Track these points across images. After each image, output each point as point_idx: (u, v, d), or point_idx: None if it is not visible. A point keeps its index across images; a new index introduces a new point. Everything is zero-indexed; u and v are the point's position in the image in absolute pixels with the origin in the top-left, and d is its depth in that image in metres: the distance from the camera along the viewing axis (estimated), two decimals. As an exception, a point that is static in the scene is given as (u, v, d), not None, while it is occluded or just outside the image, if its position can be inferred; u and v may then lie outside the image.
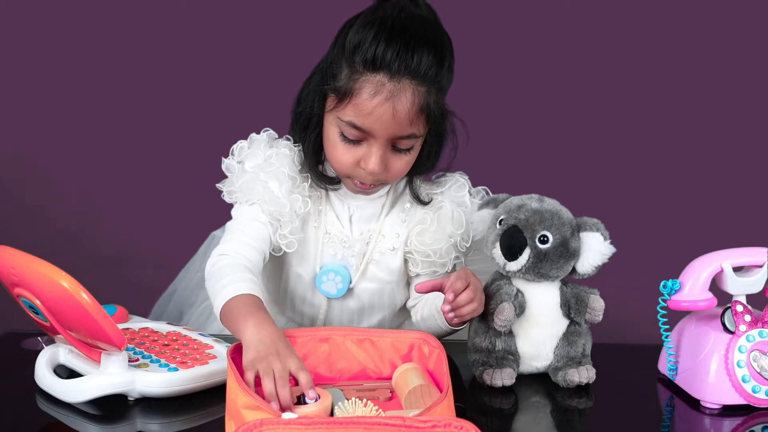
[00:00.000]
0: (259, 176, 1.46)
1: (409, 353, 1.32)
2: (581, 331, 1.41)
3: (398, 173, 1.45)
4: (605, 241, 1.38)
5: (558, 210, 1.39)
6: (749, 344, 1.34)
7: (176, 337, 1.44)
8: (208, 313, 1.71)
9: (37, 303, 1.25)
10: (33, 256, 1.23)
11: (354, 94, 1.37)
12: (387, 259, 1.52)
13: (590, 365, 1.41)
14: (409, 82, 1.36)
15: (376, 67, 1.35)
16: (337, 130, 1.41)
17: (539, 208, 1.37)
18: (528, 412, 1.37)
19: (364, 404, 1.16)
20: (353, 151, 1.41)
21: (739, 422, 1.32)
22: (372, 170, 1.40)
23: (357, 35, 1.37)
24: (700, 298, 1.37)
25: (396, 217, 1.52)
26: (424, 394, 1.21)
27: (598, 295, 1.40)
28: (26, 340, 1.48)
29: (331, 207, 1.51)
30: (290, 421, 0.99)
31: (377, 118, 1.36)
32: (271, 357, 1.18)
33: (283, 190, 1.45)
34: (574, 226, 1.38)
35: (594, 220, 1.40)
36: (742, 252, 1.40)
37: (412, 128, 1.39)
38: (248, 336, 1.23)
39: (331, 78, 1.40)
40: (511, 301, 1.36)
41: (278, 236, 1.47)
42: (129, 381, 1.28)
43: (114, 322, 1.24)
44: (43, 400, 1.29)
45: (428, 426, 0.99)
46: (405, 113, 1.37)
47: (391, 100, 1.35)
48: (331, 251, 1.51)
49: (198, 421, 1.28)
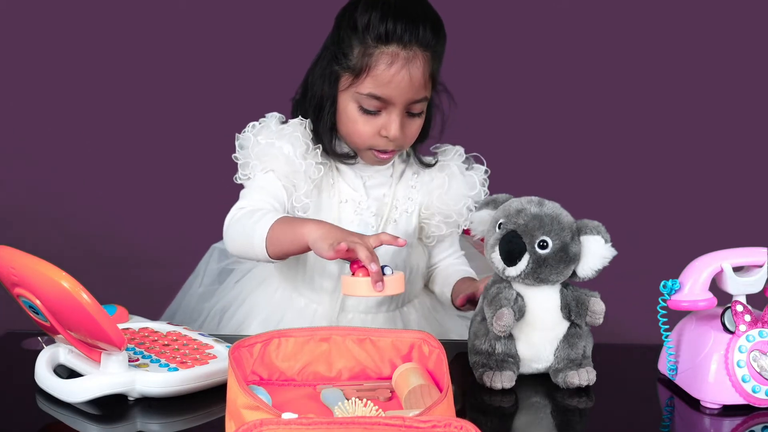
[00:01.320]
0: (274, 143, 1.56)
1: (409, 353, 1.32)
2: (581, 333, 1.41)
3: (412, 137, 1.58)
4: (606, 244, 1.38)
5: (558, 214, 1.38)
6: (749, 344, 1.34)
7: (176, 337, 1.44)
8: (217, 321, 1.72)
9: (37, 303, 1.25)
10: (33, 256, 1.22)
11: (371, 68, 1.51)
12: (403, 221, 1.64)
13: (590, 367, 1.40)
14: (419, 49, 1.51)
15: (389, 39, 1.50)
16: (355, 105, 1.54)
17: (539, 213, 1.37)
18: (528, 412, 1.37)
19: (364, 404, 1.16)
20: (373, 122, 1.54)
21: (739, 422, 1.32)
22: (394, 135, 1.53)
23: (365, 15, 1.52)
24: (700, 298, 1.37)
25: (406, 184, 1.65)
26: (424, 394, 1.21)
27: (599, 297, 1.39)
28: (26, 340, 1.48)
29: (342, 178, 1.62)
30: (290, 421, 0.99)
31: (396, 84, 1.50)
32: (352, 235, 1.38)
33: (297, 153, 1.56)
34: (574, 230, 1.38)
35: (595, 223, 1.39)
36: (742, 252, 1.39)
37: (425, 91, 1.54)
38: (314, 230, 1.40)
39: (342, 58, 1.53)
40: (510, 306, 1.35)
41: (294, 200, 1.57)
42: (129, 381, 1.28)
43: (114, 322, 1.24)
44: (43, 400, 1.29)
45: (428, 426, 0.99)
46: (419, 77, 1.52)
47: (407, 67, 1.50)
48: (349, 217, 1.60)
49: (198, 421, 1.28)
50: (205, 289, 1.81)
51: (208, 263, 1.85)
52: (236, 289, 1.75)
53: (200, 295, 1.81)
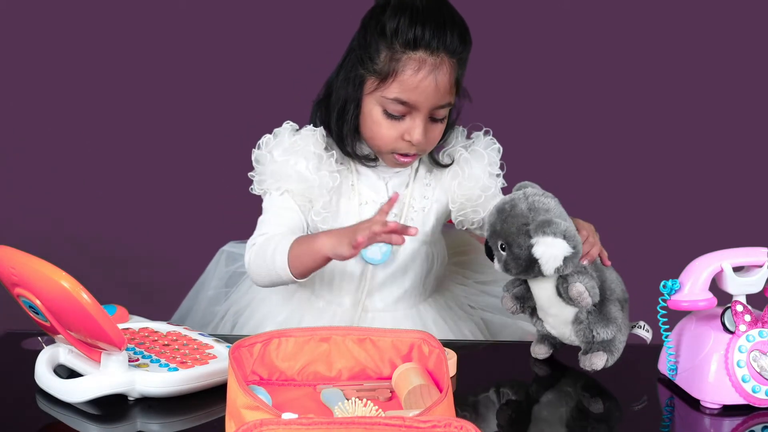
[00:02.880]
0: (288, 161, 1.57)
1: (409, 353, 1.32)
2: (582, 318, 1.41)
3: (434, 141, 1.60)
4: (556, 240, 1.36)
5: (517, 215, 1.39)
6: (749, 344, 1.34)
7: (176, 337, 1.44)
8: (231, 324, 1.72)
9: (37, 303, 1.25)
10: (33, 256, 1.22)
11: (398, 73, 1.51)
12: (419, 219, 1.64)
13: (600, 352, 1.40)
14: (446, 56, 1.52)
15: (416, 46, 1.51)
16: (380, 108, 1.55)
17: (501, 216, 1.41)
18: (527, 411, 1.37)
19: (364, 404, 1.16)
20: (397, 126, 1.54)
21: (739, 422, 1.32)
22: (417, 140, 1.54)
23: (393, 20, 1.52)
24: (700, 298, 1.37)
25: (421, 182, 1.65)
26: (423, 394, 1.21)
27: (578, 282, 1.38)
28: (26, 340, 1.48)
29: (363, 180, 1.63)
30: (290, 421, 0.99)
31: (422, 90, 1.51)
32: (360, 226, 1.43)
33: (310, 167, 1.57)
34: (524, 232, 1.38)
35: (548, 219, 1.37)
36: (742, 252, 1.39)
37: (449, 97, 1.55)
38: (327, 241, 1.47)
39: (368, 62, 1.53)
40: (507, 292, 1.47)
41: (312, 214, 1.59)
42: (129, 381, 1.28)
43: (114, 322, 1.24)
44: (43, 400, 1.29)
45: (428, 426, 0.99)
46: (445, 84, 1.52)
47: (433, 73, 1.51)
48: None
49: (198, 421, 1.28)
50: (215, 293, 1.82)
51: (216, 267, 1.85)
52: (250, 293, 1.75)
53: (210, 298, 1.82)
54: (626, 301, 1.45)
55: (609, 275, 1.44)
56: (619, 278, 1.45)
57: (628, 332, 1.44)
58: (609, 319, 1.41)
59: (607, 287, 1.42)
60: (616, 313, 1.41)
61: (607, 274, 1.44)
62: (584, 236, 1.42)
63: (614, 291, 1.43)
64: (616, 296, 1.43)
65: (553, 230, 1.36)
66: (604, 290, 1.42)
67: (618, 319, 1.41)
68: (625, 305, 1.44)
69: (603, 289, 1.42)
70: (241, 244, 1.86)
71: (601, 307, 1.41)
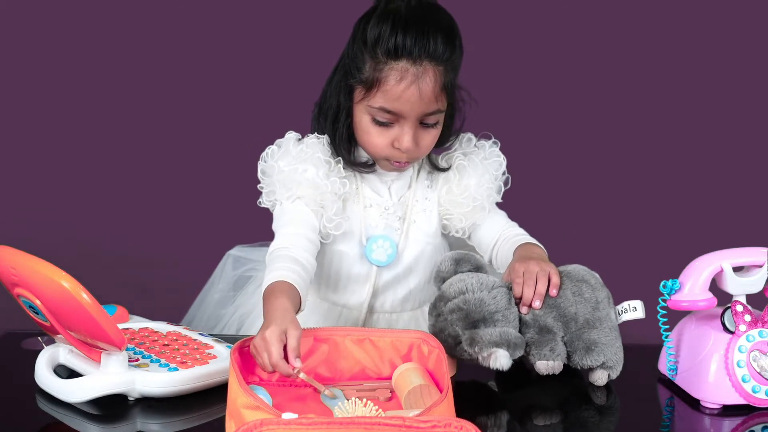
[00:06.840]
0: (297, 169, 1.55)
1: (408, 353, 1.32)
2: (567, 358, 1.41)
3: (427, 147, 1.57)
4: (491, 354, 1.36)
5: (448, 321, 1.41)
6: (749, 344, 1.34)
7: (176, 337, 1.44)
8: (237, 327, 1.73)
9: (37, 303, 1.25)
10: (33, 256, 1.23)
11: (381, 82, 1.49)
12: (422, 220, 1.63)
13: (599, 370, 1.40)
14: (429, 64, 1.48)
15: (398, 55, 1.47)
16: (368, 117, 1.52)
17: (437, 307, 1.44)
18: (527, 412, 1.37)
19: (364, 404, 1.16)
20: (386, 134, 1.53)
21: (739, 422, 1.32)
22: (407, 147, 1.52)
23: (375, 29, 1.49)
24: (700, 298, 1.37)
25: (422, 183, 1.64)
26: (423, 394, 1.22)
27: (536, 361, 1.39)
28: (26, 340, 1.48)
29: (367, 183, 1.62)
30: (290, 421, 0.99)
31: (406, 100, 1.49)
32: (267, 340, 1.26)
33: (320, 173, 1.55)
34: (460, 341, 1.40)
35: (470, 336, 1.37)
36: (742, 252, 1.40)
37: (437, 104, 1.52)
38: (269, 318, 1.30)
39: (355, 71, 1.52)
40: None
41: (325, 221, 1.57)
42: (129, 381, 1.28)
43: (114, 322, 1.24)
44: (43, 400, 1.29)
45: (428, 426, 0.99)
46: (429, 92, 1.49)
47: (416, 83, 1.48)
48: (375, 221, 1.61)
49: (198, 421, 1.28)
50: (221, 296, 1.82)
51: (223, 270, 1.86)
52: (256, 296, 1.74)
53: (217, 301, 1.83)
54: (608, 298, 1.43)
55: (564, 301, 1.41)
56: (579, 290, 1.42)
57: (619, 336, 1.42)
58: (588, 347, 1.39)
59: (569, 318, 1.40)
60: (594, 336, 1.39)
61: (562, 301, 1.41)
62: (514, 278, 1.43)
63: (577, 316, 1.40)
64: (584, 316, 1.40)
65: (481, 346, 1.36)
66: (567, 323, 1.40)
67: (599, 342, 1.39)
68: (602, 306, 1.42)
69: (566, 322, 1.40)
70: (248, 248, 1.86)
71: (575, 340, 1.39)
